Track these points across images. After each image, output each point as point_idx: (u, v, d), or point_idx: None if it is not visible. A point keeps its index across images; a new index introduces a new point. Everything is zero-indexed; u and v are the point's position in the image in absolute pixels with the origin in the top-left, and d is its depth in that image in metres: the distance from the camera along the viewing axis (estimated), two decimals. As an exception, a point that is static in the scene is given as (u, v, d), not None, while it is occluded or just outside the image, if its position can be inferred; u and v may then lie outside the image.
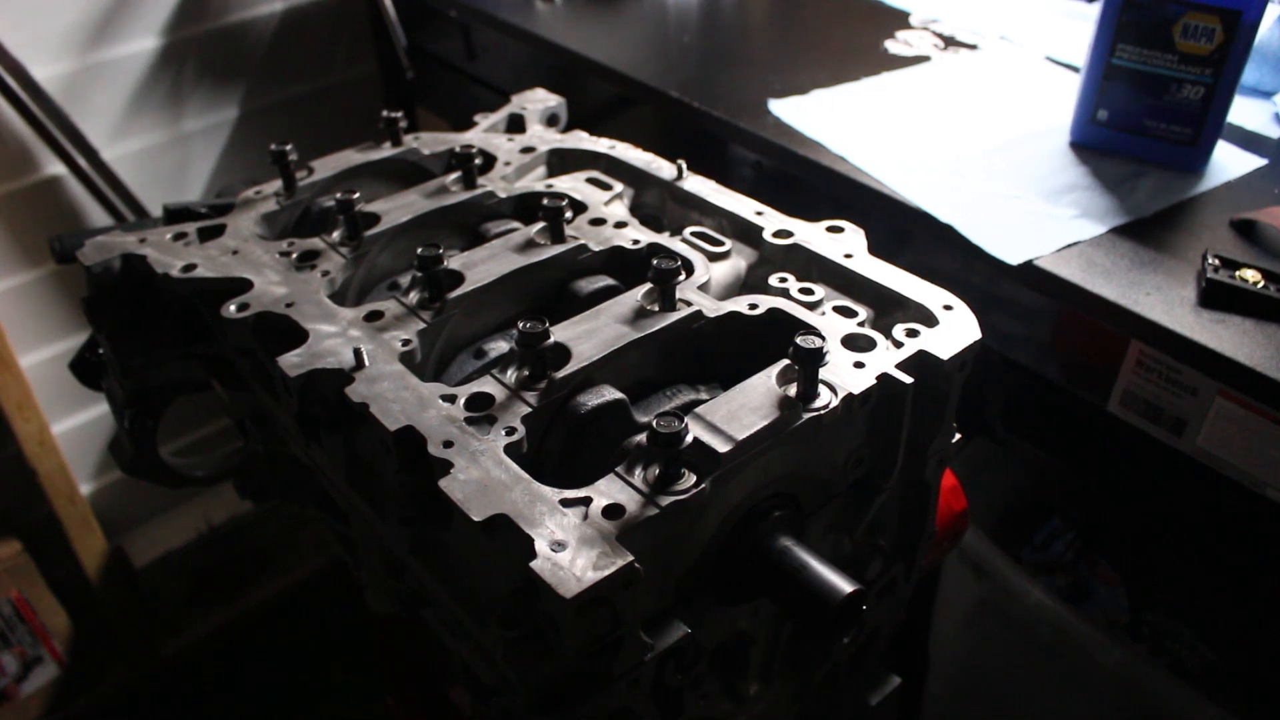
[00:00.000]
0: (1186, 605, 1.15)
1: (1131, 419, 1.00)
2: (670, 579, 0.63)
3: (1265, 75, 1.36)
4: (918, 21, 1.61)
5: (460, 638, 0.70)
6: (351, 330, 0.75)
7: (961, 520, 1.02)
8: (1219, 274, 0.96)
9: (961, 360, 0.73)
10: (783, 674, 0.83)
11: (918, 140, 1.26)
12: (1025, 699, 1.28)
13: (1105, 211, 1.10)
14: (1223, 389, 0.91)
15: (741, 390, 0.67)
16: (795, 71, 1.42)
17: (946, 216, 1.09)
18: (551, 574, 0.53)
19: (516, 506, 0.58)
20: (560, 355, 0.70)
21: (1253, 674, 1.10)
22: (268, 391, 0.82)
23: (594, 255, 0.84)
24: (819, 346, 0.63)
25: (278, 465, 0.98)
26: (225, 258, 0.85)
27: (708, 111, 1.31)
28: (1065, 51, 1.49)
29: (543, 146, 1.03)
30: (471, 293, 0.78)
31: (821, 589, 0.62)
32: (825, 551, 0.78)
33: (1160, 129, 1.17)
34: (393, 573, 0.81)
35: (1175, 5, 1.09)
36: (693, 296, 0.76)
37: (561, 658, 0.58)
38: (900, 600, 0.88)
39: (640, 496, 0.59)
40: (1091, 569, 1.23)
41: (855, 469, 0.73)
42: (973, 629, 1.30)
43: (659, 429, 0.57)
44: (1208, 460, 0.95)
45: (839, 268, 0.82)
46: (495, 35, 1.68)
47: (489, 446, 0.63)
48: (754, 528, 0.65)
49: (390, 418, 0.65)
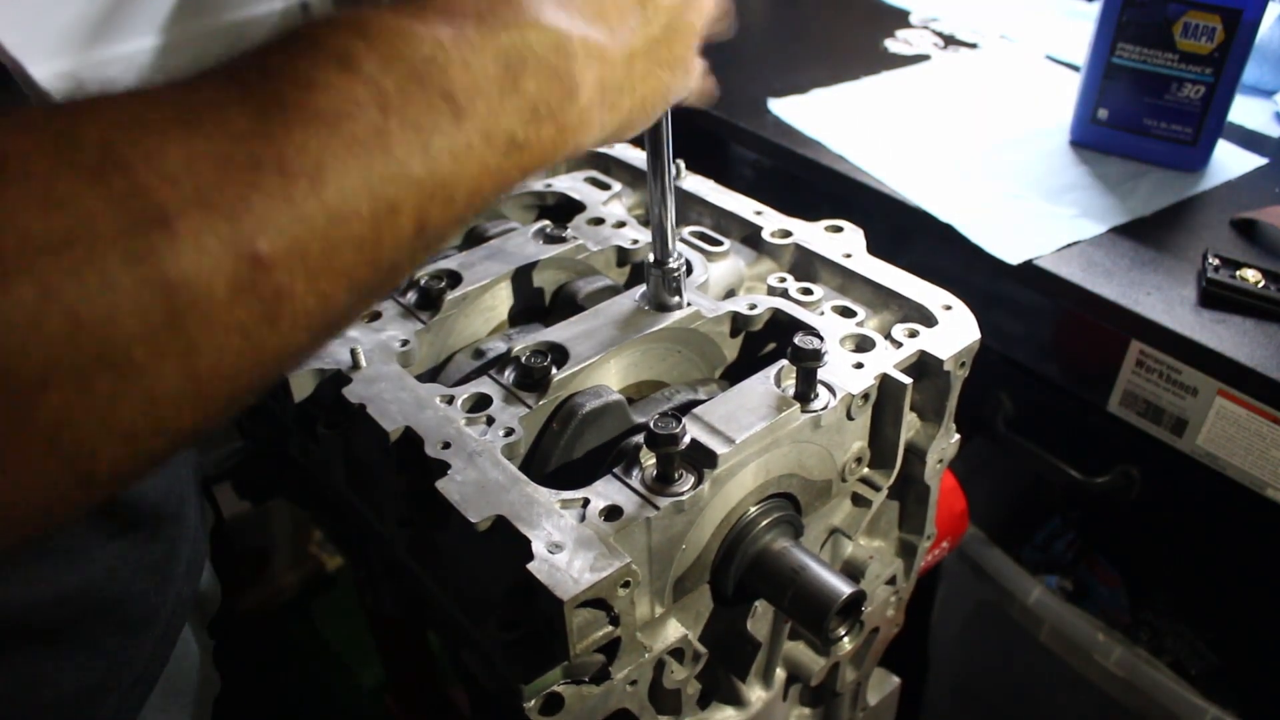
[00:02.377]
0: (1186, 605, 1.15)
1: (1131, 419, 1.00)
2: (668, 580, 0.62)
3: (1266, 74, 1.35)
4: (917, 20, 1.61)
5: (459, 639, 0.70)
6: (349, 330, 0.75)
7: (961, 520, 1.02)
8: (1219, 274, 0.96)
9: (961, 360, 0.73)
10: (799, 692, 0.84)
11: (917, 139, 1.25)
12: (1025, 699, 1.28)
13: (1105, 211, 1.10)
14: (1223, 389, 0.91)
15: (740, 391, 0.66)
16: (795, 70, 1.42)
17: (946, 216, 1.09)
18: (549, 575, 0.53)
19: (514, 508, 0.58)
20: (558, 356, 0.70)
21: (1253, 674, 1.09)
22: (265, 391, 0.81)
23: (592, 255, 0.84)
24: (818, 347, 0.63)
25: (277, 465, 0.98)
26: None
27: (707, 110, 1.31)
28: (1065, 50, 1.48)
29: (541, 146, 1.03)
30: (470, 293, 0.78)
31: (821, 590, 0.62)
32: (824, 553, 0.78)
33: (1160, 128, 1.17)
34: (391, 573, 0.81)
35: (1176, 4, 1.09)
36: (691, 296, 0.76)
37: (560, 659, 0.58)
38: (899, 601, 0.88)
39: (638, 497, 0.59)
40: (1091, 569, 1.23)
41: (854, 469, 0.73)
42: (973, 629, 1.30)
43: (657, 430, 0.57)
44: (1208, 460, 0.95)
45: (838, 267, 0.82)
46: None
47: (486, 447, 0.62)
48: (752, 528, 0.65)
49: (387, 418, 0.65)
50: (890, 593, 0.85)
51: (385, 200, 0.35)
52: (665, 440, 0.57)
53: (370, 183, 0.34)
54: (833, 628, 0.63)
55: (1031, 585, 1.15)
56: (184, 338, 0.30)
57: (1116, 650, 1.08)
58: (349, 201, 0.34)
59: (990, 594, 1.19)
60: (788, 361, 0.65)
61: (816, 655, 0.84)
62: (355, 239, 0.34)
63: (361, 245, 0.35)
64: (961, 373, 0.73)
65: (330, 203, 0.33)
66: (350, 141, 0.34)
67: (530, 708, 0.59)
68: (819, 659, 0.83)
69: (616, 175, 0.99)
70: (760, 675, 0.81)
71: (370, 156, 0.34)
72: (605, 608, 0.55)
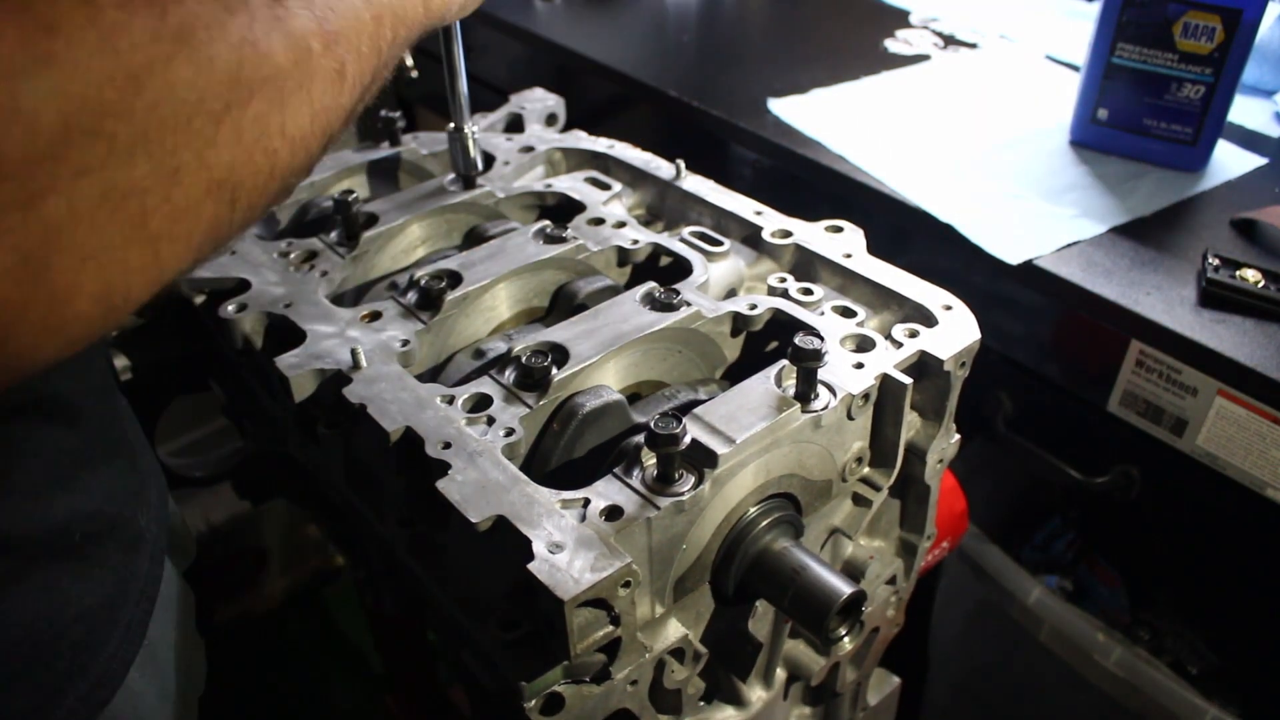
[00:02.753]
0: (1186, 605, 1.15)
1: (1131, 419, 1.00)
2: (669, 580, 0.62)
3: (1265, 74, 1.36)
4: (917, 20, 1.61)
5: (459, 639, 0.70)
6: (350, 330, 0.75)
7: (961, 520, 1.02)
8: (1219, 274, 0.96)
9: (961, 360, 0.73)
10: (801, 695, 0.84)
11: (917, 139, 1.25)
12: (1025, 699, 1.28)
13: (1105, 211, 1.10)
14: (1223, 389, 0.91)
15: (740, 391, 0.66)
16: (794, 70, 1.42)
17: (946, 216, 1.09)
18: (549, 575, 0.53)
19: (514, 508, 0.58)
20: (559, 356, 0.70)
21: (1253, 674, 1.09)
22: (266, 392, 0.81)
23: (593, 255, 0.84)
24: (818, 347, 0.63)
25: (277, 465, 0.98)
26: (223, 258, 0.85)
27: (707, 111, 1.31)
28: (1065, 50, 1.48)
29: (541, 146, 1.03)
30: (470, 293, 0.78)
31: (821, 590, 0.62)
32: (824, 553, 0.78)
33: (1160, 128, 1.17)
34: (391, 573, 0.81)
35: (1175, 4, 1.09)
36: (692, 297, 0.76)
37: (560, 659, 0.58)
38: (899, 601, 0.88)
39: (639, 497, 0.59)
40: (1091, 569, 1.23)
41: (855, 469, 0.73)
42: (973, 629, 1.30)
43: (657, 430, 0.57)
44: (1208, 460, 0.95)
45: (839, 267, 0.82)
46: (494, 34, 1.68)
47: (487, 448, 0.62)
48: (753, 528, 0.65)
49: (388, 419, 0.65)
50: (890, 593, 0.85)
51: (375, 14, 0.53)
52: (666, 440, 0.57)
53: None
54: (833, 628, 0.63)
55: (1031, 585, 1.15)
56: (306, 75, 0.46)
57: (1116, 650, 1.08)
58: (361, 15, 0.51)
59: (990, 594, 1.19)
60: (788, 362, 0.65)
61: (817, 655, 0.84)
62: (370, 35, 0.52)
63: (374, 39, 0.52)
64: (962, 373, 0.73)
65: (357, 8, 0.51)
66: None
67: (531, 708, 0.59)
68: (819, 659, 0.83)
69: (616, 175, 0.99)
70: (761, 675, 0.81)
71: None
72: (606, 608, 0.55)
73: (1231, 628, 1.11)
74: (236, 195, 0.43)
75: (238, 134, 0.42)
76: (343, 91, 0.49)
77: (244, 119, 0.42)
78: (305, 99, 0.46)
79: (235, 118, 0.41)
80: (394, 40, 0.55)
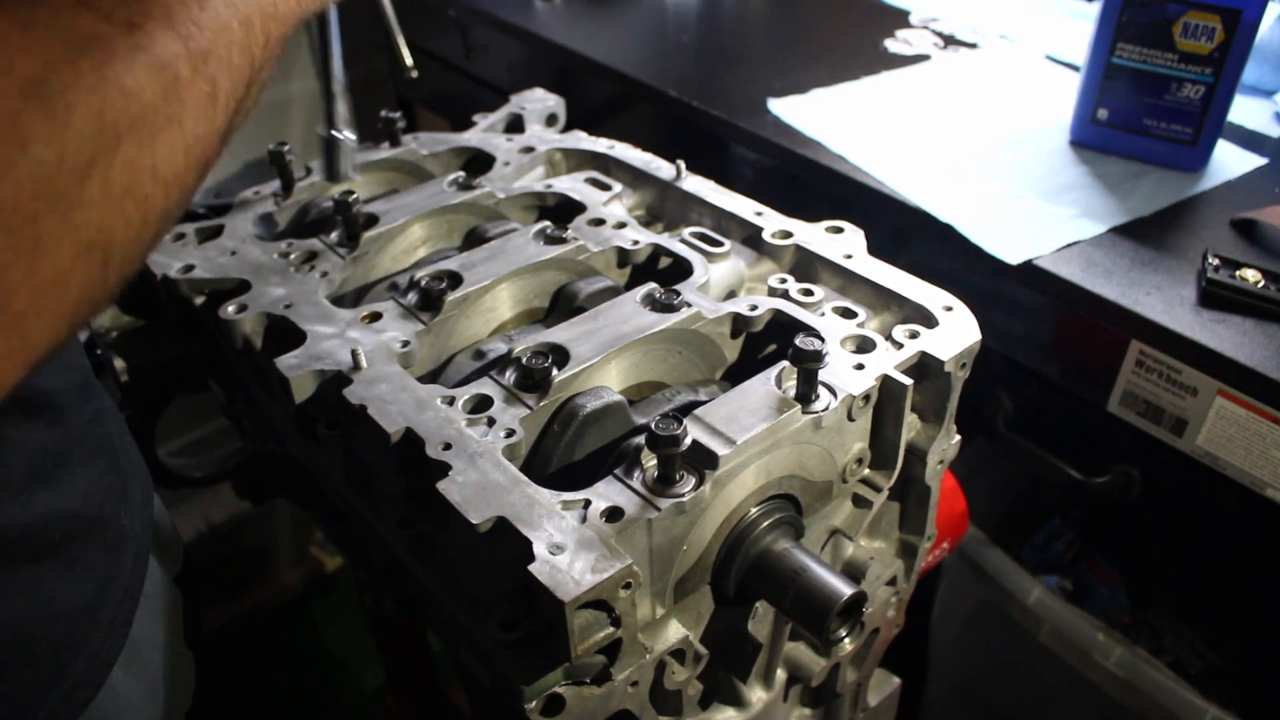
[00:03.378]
0: (1186, 605, 1.15)
1: (1131, 419, 1.00)
2: (669, 581, 0.62)
3: (1265, 74, 1.35)
4: (917, 20, 1.61)
5: (459, 639, 0.70)
6: (350, 331, 0.75)
7: (961, 520, 1.02)
8: (1219, 274, 0.96)
9: (962, 361, 0.73)
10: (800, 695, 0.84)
11: (917, 139, 1.25)
12: (1025, 699, 1.28)
13: (1105, 211, 1.10)
14: (1223, 389, 0.91)
15: (741, 392, 0.66)
16: (794, 70, 1.42)
17: (946, 216, 1.09)
18: (550, 576, 0.53)
19: (515, 509, 0.58)
20: (559, 357, 0.70)
21: (1253, 674, 1.09)
22: (266, 392, 0.81)
23: (593, 256, 0.84)
24: (819, 348, 0.63)
25: (277, 465, 0.98)
26: (223, 258, 0.85)
27: (707, 111, 1.31)
28: (1065, 50, 1.48)
29: (542, 146, 1.03)
30: (470, 294, 0.78)
31: (821, 591, 0.62)
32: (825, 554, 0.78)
33: (1160, 128, 1.17)
34: (391, 573, 0.81)
35: (1175, 4, 1.09)
36: (692, 298, 0.76)
37: (560, 660, 0.58)
38: (899, 601, 0.88)
39: (639, 499, 0.59)
40: (1091, 569, 1.23)
41: (855, 471, 0.73)
42: (973, 629, 1.30)
43: (658, 431, 0.57)
44: (1208, 460, 0.95)
45: (839, 268, 0.82)
46: (494, 34, 1.68)
47: (487, 449, 0.62)
48: (753, 530, 0.65)
49: (388, 419, 0.65)
50: (891, 593, 0.85)
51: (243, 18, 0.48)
52: (666, 441, 0.57)
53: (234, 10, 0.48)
54: (833, 629, 0.63)
55: (1031, 585, 1.15)
56: (176, 105, 0.42)
57: (1116, 650, 1.08)
58: (229, 23, 0.47)
59: (990, 594, 1.19)
60: (789, 363, 0.65)
61: (817, 656, 0.84)
62: (240, 45, 0.47)
63: (245, 47, 0.48)
64: (962, 374, 0.73)
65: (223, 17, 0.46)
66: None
67: (531, 709, 0.59)
68: (819, 660, 0.83)
69: (617, 176, 0.99)
70: (761, 676, 0.81)
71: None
72: (606, 609, 0.55)
73: (1231, 628, 1.11)
74: (109, 255, 0.39)
75: (106, 188, 0.37)
76: (216, 115, 0.45)
77: (112, 169, 0.37)
78: (177, 132, 0.41)
79: (102, 169, 0.37)
80: (267, 43, 0.50)
